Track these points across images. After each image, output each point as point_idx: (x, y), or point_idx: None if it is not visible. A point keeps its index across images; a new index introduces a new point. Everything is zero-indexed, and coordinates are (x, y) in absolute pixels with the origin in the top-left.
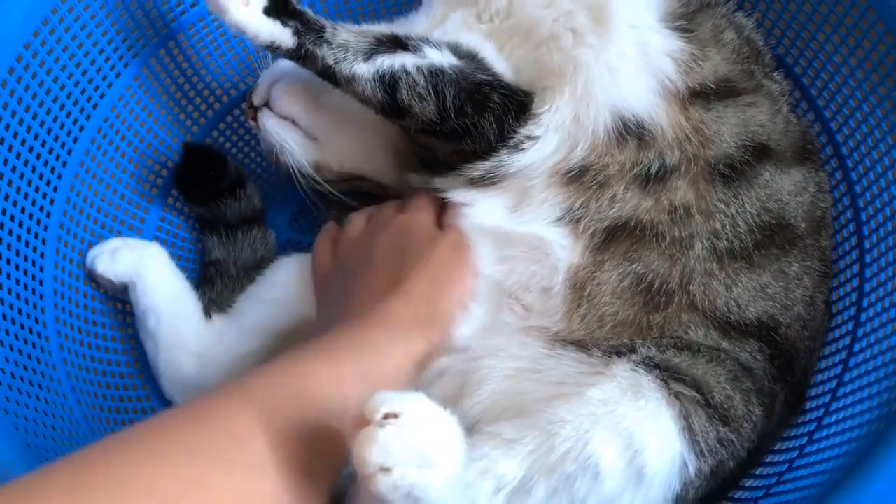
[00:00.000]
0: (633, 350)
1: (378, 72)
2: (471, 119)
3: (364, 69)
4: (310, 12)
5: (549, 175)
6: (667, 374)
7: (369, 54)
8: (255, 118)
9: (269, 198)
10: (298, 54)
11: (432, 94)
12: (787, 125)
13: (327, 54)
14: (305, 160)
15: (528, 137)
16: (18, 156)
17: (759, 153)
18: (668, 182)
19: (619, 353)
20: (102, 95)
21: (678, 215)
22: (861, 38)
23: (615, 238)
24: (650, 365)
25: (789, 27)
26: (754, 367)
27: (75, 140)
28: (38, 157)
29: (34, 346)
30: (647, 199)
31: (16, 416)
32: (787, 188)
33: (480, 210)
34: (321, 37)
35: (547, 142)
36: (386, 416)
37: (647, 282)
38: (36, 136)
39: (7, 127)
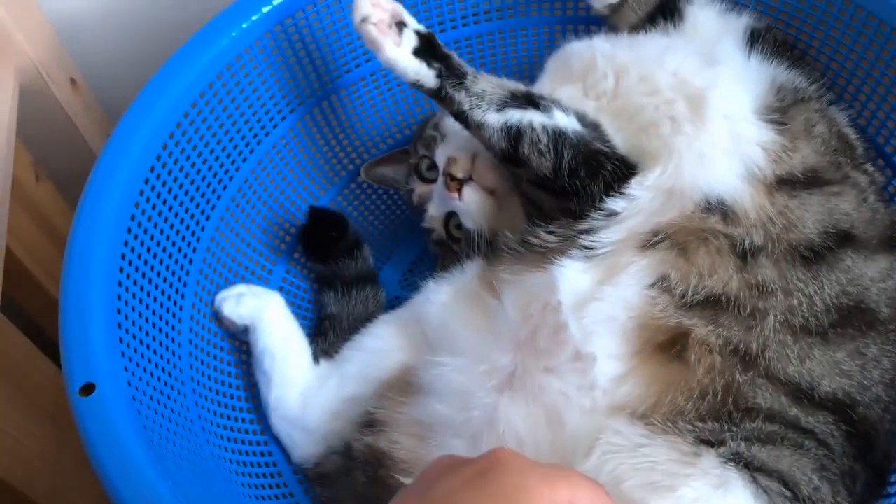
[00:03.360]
0: (721, 443)
1: (507, 123)
2: (581, 181)
3: (494, 119)
4: (455, 57)
5: (639, 242)
6: (755, 470)
7: (502, 106)
8: (458, 189)
9: (382, 258)
10: (439, 95)
11: (551, 152)
12: (874, 214)
13: (464, 100)
14: (487, 227)
15: (622, 205)
16: (170, 209)
17: (842, 240)
18: (757, 259)
19: (707, 444)
20: (247, 158)
21: (761, 291)
22: None
23: (704, 305)
24: (738, 461)
25: (889, 118)
26: (832, 443)
27: (219, 198)
28: (186, 210)
29: (171, 375)
30: (739, 274)
31: (151, 431)
32: (870, 274)
33: (571, 280)
34: (461, 83)
35: (637, 210)
36: None
37: (733, 345)
38: (191, 190)
39: (170, 173)
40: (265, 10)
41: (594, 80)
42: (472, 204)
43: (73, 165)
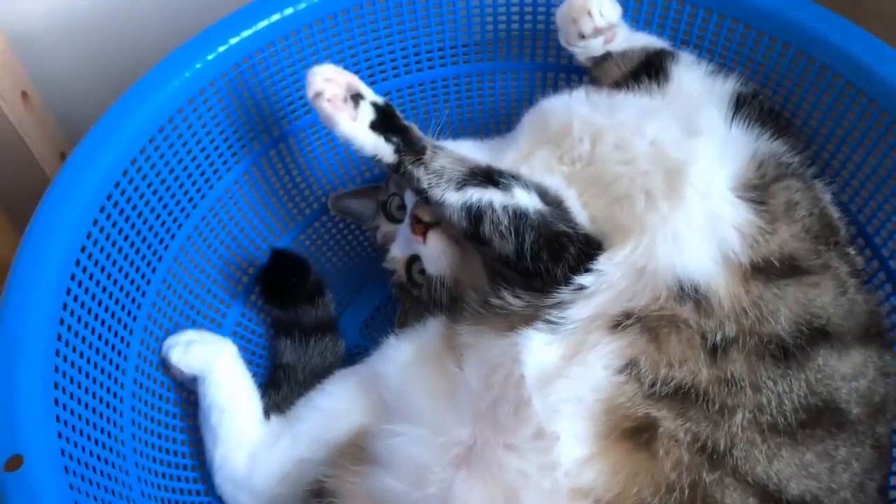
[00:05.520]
0: None
1: (466, 203)
2: (545, 264)
3: (454, 198)
4: (414, 129)
5: (608, 322)
6: None
7: (461, 184)
8: (423, 233)
9: (343, 303)
10: (398, 170)
11: (513, 234)
12: (852, 306)
13: (423, 177)
14: (449, 275)
15: (591, 280)
16: (120, 250)
17: (815, 337)
18: (728, 353)
19: None
20: (203, 196)
21: (730, 386)
22: None
23: (673, 397)
24: None
25: (872, 197)
26: None
27: (172, 237)
28: (137, 251)
29: (110, 435)
30: (710, 368)
31: (79, 492)
32: (842, 372)
33: (536, 353)
34: (420, 159)
35: (607, 286)
36: None
37: (701, 441)
38: (143, 230)
39: (121, 212)
40: (221, 49)
41: (569, 145)
42: (435, 249)
43: (21, 183)
